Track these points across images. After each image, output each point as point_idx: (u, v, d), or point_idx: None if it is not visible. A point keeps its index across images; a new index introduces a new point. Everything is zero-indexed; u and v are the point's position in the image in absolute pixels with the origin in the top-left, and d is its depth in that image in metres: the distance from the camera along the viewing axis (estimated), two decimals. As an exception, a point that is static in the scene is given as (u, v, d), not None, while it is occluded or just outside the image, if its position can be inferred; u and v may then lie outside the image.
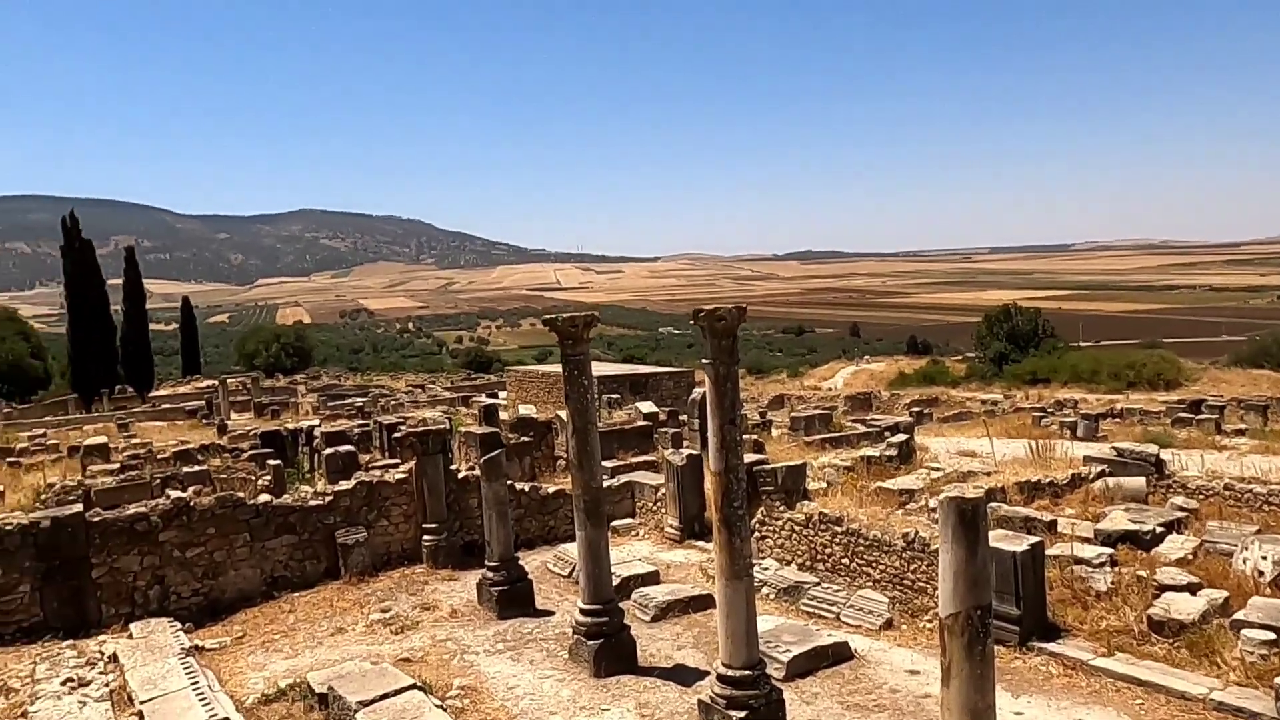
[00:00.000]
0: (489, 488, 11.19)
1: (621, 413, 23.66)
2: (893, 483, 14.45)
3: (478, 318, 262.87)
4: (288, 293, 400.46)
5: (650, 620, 10.43)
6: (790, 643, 8.98)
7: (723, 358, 7.20)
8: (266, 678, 9.24)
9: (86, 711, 8.09)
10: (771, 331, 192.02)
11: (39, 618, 10.77)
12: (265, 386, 47.25)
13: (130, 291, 54.66)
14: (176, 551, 11.55)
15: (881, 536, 10.54)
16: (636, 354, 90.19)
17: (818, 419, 23.58)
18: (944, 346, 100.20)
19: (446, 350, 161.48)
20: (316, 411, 33.15)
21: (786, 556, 11.89)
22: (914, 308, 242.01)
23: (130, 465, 19.01)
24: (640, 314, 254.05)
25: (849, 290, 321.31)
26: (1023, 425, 25.45)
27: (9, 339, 57.41)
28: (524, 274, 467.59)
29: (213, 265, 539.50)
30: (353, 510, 12.87)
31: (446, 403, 35.70)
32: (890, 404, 34.14)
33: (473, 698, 8.52)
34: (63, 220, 51.08)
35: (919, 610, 9.88)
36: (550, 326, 9.11)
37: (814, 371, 62.14)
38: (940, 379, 47.04)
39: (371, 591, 11.96)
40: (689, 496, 13.74)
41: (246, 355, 70.49)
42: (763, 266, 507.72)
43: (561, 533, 13.95)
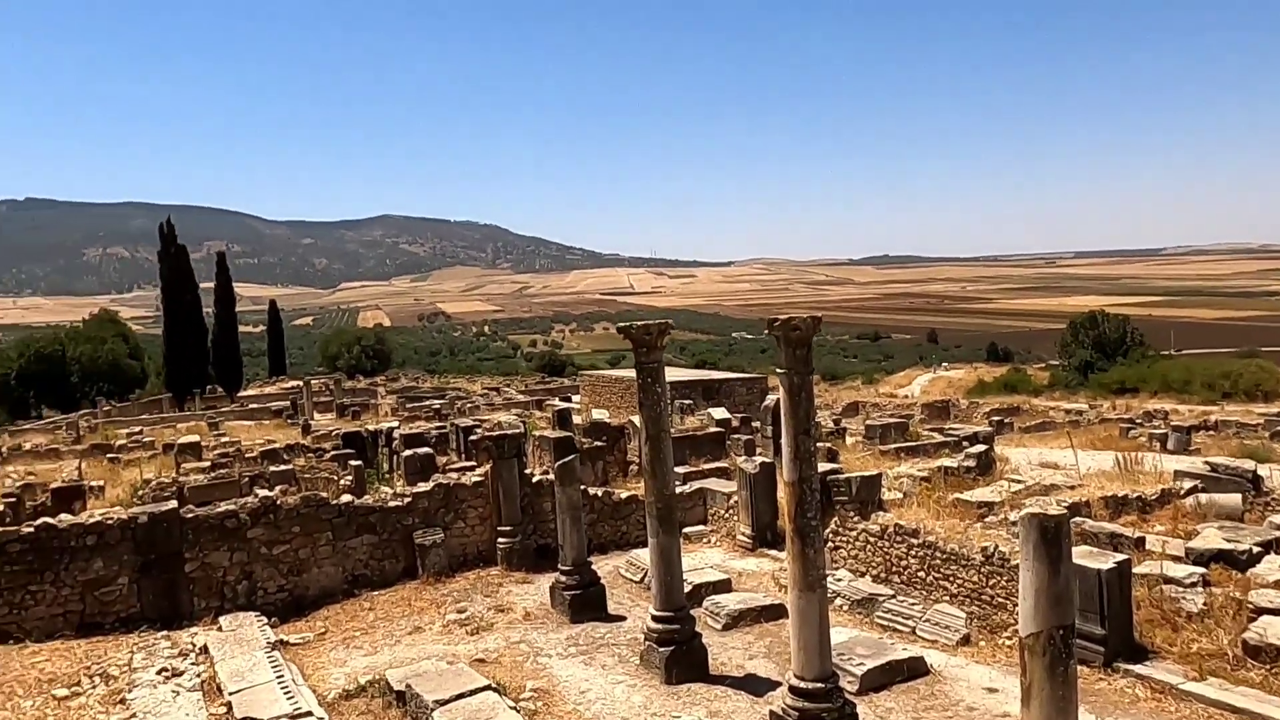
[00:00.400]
0: (563, 492, 11.32)
1: (694, 419, 23.65)
2: (971, 494, 14.13)
3: (552, 321, 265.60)
4: (369, 296, 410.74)
5: (722, 628, 10.41)
6: (864, 656, 8.86)
7: (797, 367, 7.16)
8: (347, 674, 9.50)
9: (180, 700, 8.44)
10: (846, 337, 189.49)
11: (136, 609, 11.28)
12: (347, 388, 48.58)
13: (221, 295, 56.80)
14: (264, 548, 11.97)
15: (959, 550, 10.33)
16: (709, 359, 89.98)
17: (893, 427, 23.21)
18: (1026, 354, 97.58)
19: (521, 353, 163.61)
20: (395, 413, 33.97)
21: (860, 568, 11.74)
22: (994, 314, 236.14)
23: (220, 463, 19.77)
24: (713, 319, 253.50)
25: (927, 295, 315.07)
26: (1109, 437, 24.63)
27: (109, 340, 60.22)
28: (597, 278, 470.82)
29: (298, 269, 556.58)
30: (430, 512, 13.15)
31: (521, 406, 36.19)
32: (969, 413, 33.38)
33: (545, 700, 8.62)
34: (160, 226, 53.39)
35: (998, 626, 9.65)
36: (624, 334, 9.18)
37: (890, 378, 61.17)
38: (1022, 387, 45.83)
39: (448, 592, 12.20)
40: (762, 504, 13.67)
41: (329, 357, 72.63)
42: (838, 271, 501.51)
43: (634, 538, 14.02)
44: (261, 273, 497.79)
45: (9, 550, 10.87)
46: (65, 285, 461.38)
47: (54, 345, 58.54)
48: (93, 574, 11.15)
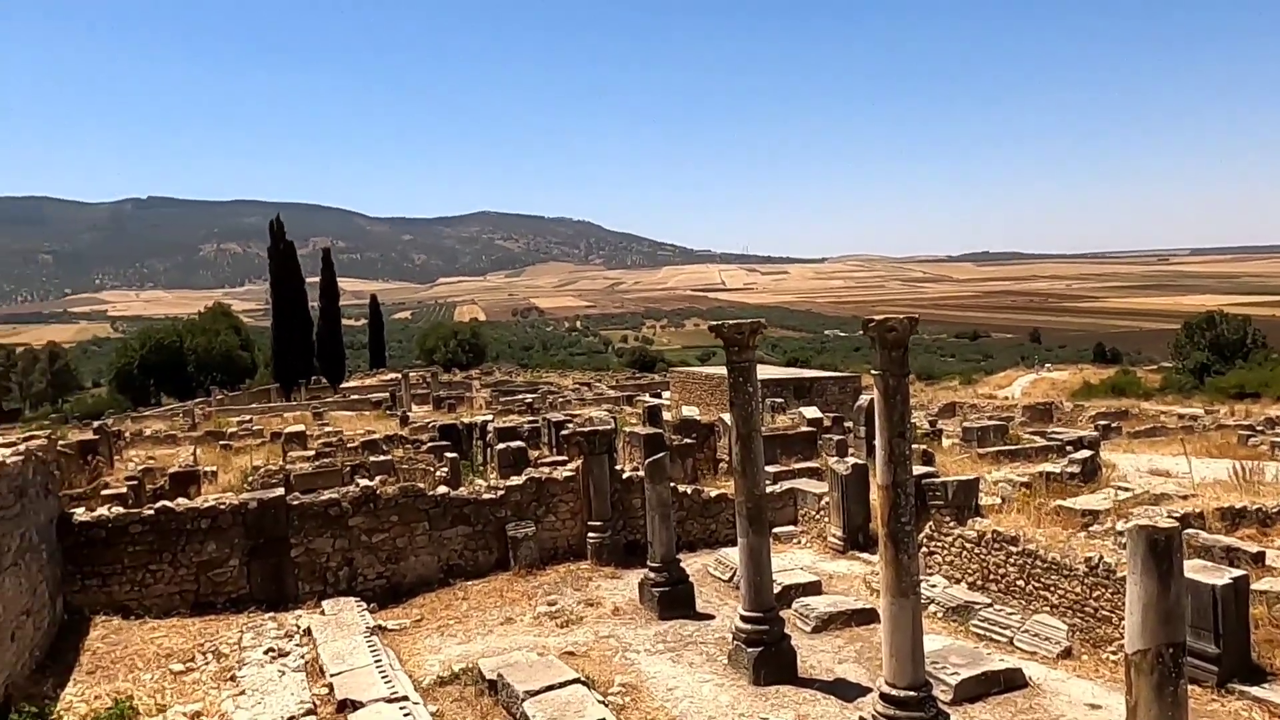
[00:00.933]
0: (653, 489, 11.37)
1: (785, 417, 23.44)
2: (1075, 502, 13.61)
3: (643, 317, 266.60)
4: (465, 291, 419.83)
5: (811, 631, 10.30)
6: (959, 665, 8.65)
7: (893, 369, 7.03)
8: (441, 660, 9.77)
9: (285, 680, 8.81)
10: (943, 336, 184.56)
11: (245, 590, 11.84)
12: (443, 381, 49.81)
13: (326, 289, 58.91)
14: (364, 536, 12.40)
15: (1061, 559, 9.97)
16: (801, 357, 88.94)
17: (992, 430, 22.52)
18: (1136, 355, 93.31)
19: (612, 349, 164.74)
20: (489, 406, 34.68)
21: (955, 574, 11.45)
22: (1102, 313, 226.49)
23: (324, 452, 20.54)
24: (805, 316, 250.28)
25: (1029, 293, 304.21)
26: (1226, 444, 23.36)
27: (223, 332, 63.22)
28: (689, 275, 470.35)
29: (398, 265, 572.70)
30: (522, 505, 13.39)
31: (611, 401, 36.48)
32: (1073, 416, 32.12)
33: (633, 696, 8.69)
34: (270, 223, 55.70)
35: (1102, 640, 9.28)
36: (716, 333, 9.17)
37: (989, 379, 59.30)
38: (1131, 390, 43.83)
39: (539, 584, 12.40)
40: (854, 506, 13.46)
41: (427, 350, 74.66)
42: (935, 268, 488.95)
43: (723, 536, 13.99)
44: (364, 268, 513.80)
45: (131, 531, 11.55)
46: (183, 279, 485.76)
47: (172, 336, 61.83)
48: (206, 556, 11.75)
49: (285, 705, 8.12)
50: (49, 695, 8.67)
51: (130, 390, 60.98)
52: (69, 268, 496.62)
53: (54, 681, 9.18)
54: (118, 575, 11.46)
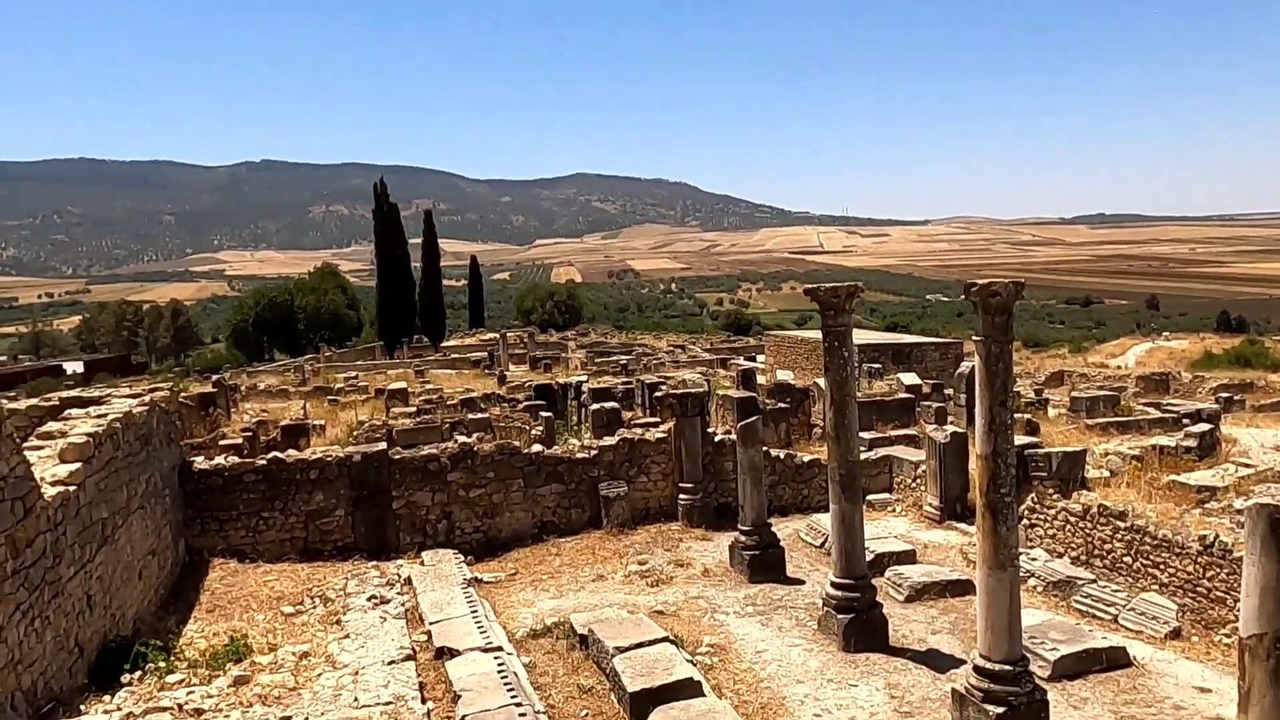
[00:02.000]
0: (744, 453, 11.34)
1: (882, 383, 22.99)
2: (1190, 477, 12.95)
3: (738, 280, 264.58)
4: (561, 253, 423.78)
5: (904, 600, 10.16)
6: (1058, 641, 8.40)
7: (995, 335, 6.79)
8: (534, 614, 10.02)
9: (386, 626, 9.19)
10: (1053, 302, 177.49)
11: (350, 539, 12.37)
12: (539, 341, 50.60)
13: (428, 251, 60.37)
14: (461, 491, 12.77)
15: (1172, 537, 9.54)
16: (900, 322, 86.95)
17: (1102, 400, 21.58)
18: (1264, 324, 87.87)
19: (706, 311, 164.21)
20: (584, 367, 35.07)
21: (1058, 548, 11.10)
22: (1228, 279, 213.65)
23: (424, 409, 21.16)
24: (906, 280, 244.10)
25: (1148, 258, 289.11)
26: (1362, 420, 21.85)
27: (330, 291, 65.51)
28: (786, 237, 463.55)
29: (497, 226, 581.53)
30: (615, 465, 13.55)
31: (705, 364, 36.41)
32: (1192, 387, 30.53)
33: (721, 656, 8.75)
34: (374, 186, 57.22)
35: (1215, 622, 8.87)
36: (812, 296, 9.01)
37: (1100, 347, 56.79)
38: (1257, 361, 41.31)
39: (630, 544, 12.56)
40: (951, 475, 13.15)
41: (524, 311, 75.83)
42: (1046, 231, 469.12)
43: (815, 502, 13.88)
44: (463, 229, 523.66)
45: (246, 479, 12.17)
46: (294, 240, 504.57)
47: (284, 296, 64.38)
48: (314, 505, 12.31)
49: (386, 650, 8.47)
50: (172, 630, 9.27)
51: (245, 346, 64.00)
52: (189, 228, 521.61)
53: (176, 618, 9.81)
54: (234, 521, 12.12)
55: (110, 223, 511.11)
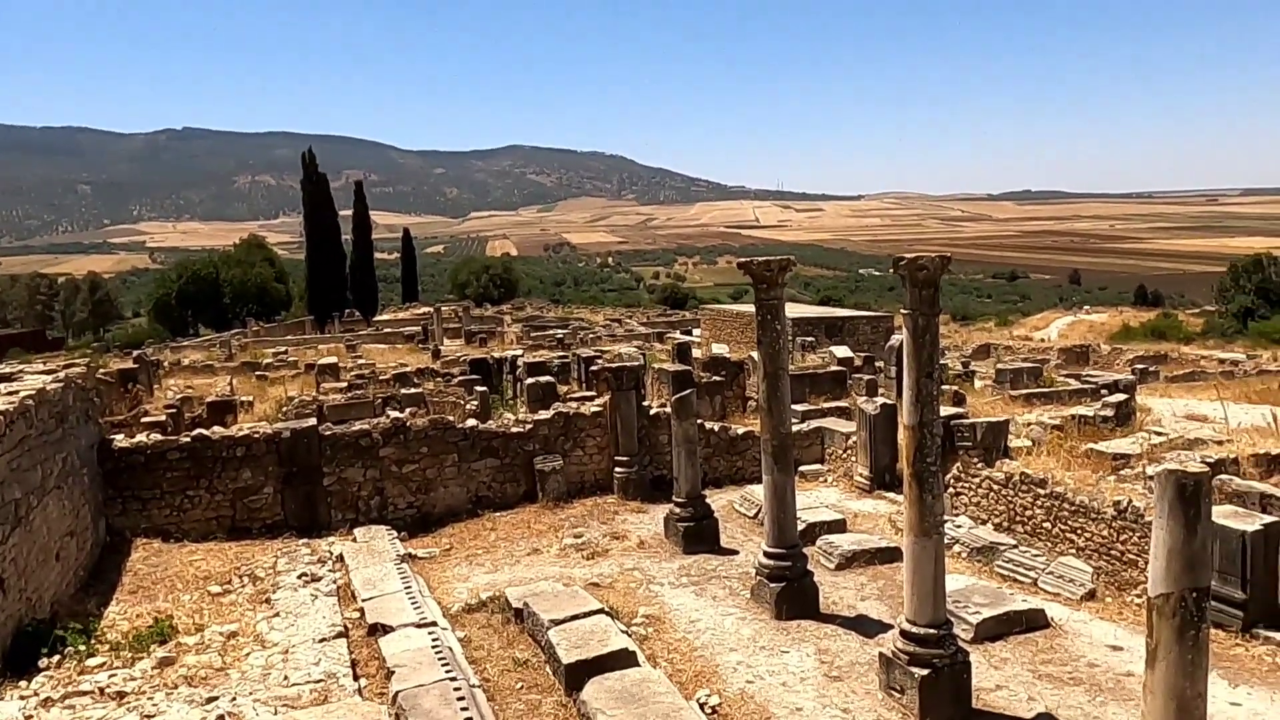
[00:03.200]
0: (679, 426, 11.42)
1: (815, 356, 23.32)
2: (1106, 445, 13.46)
3: (675, 254, 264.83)
4: (496, 226, 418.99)
5: (834, 568, 10.38)
6: (981, 605, 8.69)
7: (923, 308, 6.93)
8: (469, 589, 9.99)
9: (318, 604, 9.07)
10: (980, 276, 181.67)
11: (280, 517, 12.15)
12: (475, 315, 50.03)
13: (359, 223, 59.10)
14: (394, 467, 12.62)
15: (1089, 502, 9.92)
16: (834, 295, 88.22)
17: (1026, 372, 22.25)
18: (1178, 298, 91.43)
19: (643, 285, 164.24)
20: (520, 341, 34.84)
21: (982, 515, 11.45)
22: (1145, 254, 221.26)
23: (356, 384, 20.80)
24: (840, 254, 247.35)
25: (1071, 234, 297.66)
26: (1267, 390, 22.88)
27: (258, 264, 63.79)
28: (722, 211, 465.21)
29: (430, 198, 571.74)
30: (550, 439, 13.53)
31: (642, 338, 36.49)
32: (1110, 359, 31.67)
33: (656, 627, 8.85)
34: (302, 155, 55.69)
35: (1127, 584, 9.27)
36: (745, 270, 9.07)
37: (1025, 320, 58.48)
38: (1171, 334, 43.01)
39: (565, 517, 12.59)
40: (881, 446, 13.44)
41: (458, 285, 74.86)
42: (974, 207, 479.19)
43: (749, 473, 14.06)
44: (396, 201, 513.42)
45: (169, 457, 11.85)
46: (218, 211, 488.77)
47: (209, 268, 62.48)
48: (242, 483, 12.04)
49: (317, 627, 8.37)
50: (93, 613, 9.01)
51: (168, 321, 62.01)
52: (107, 198, 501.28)
53: (98, 600, 9.53)
54: (157, 500, 11.80)
55: (21, 192, 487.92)
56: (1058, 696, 7.35)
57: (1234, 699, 7.17)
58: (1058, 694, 7.40)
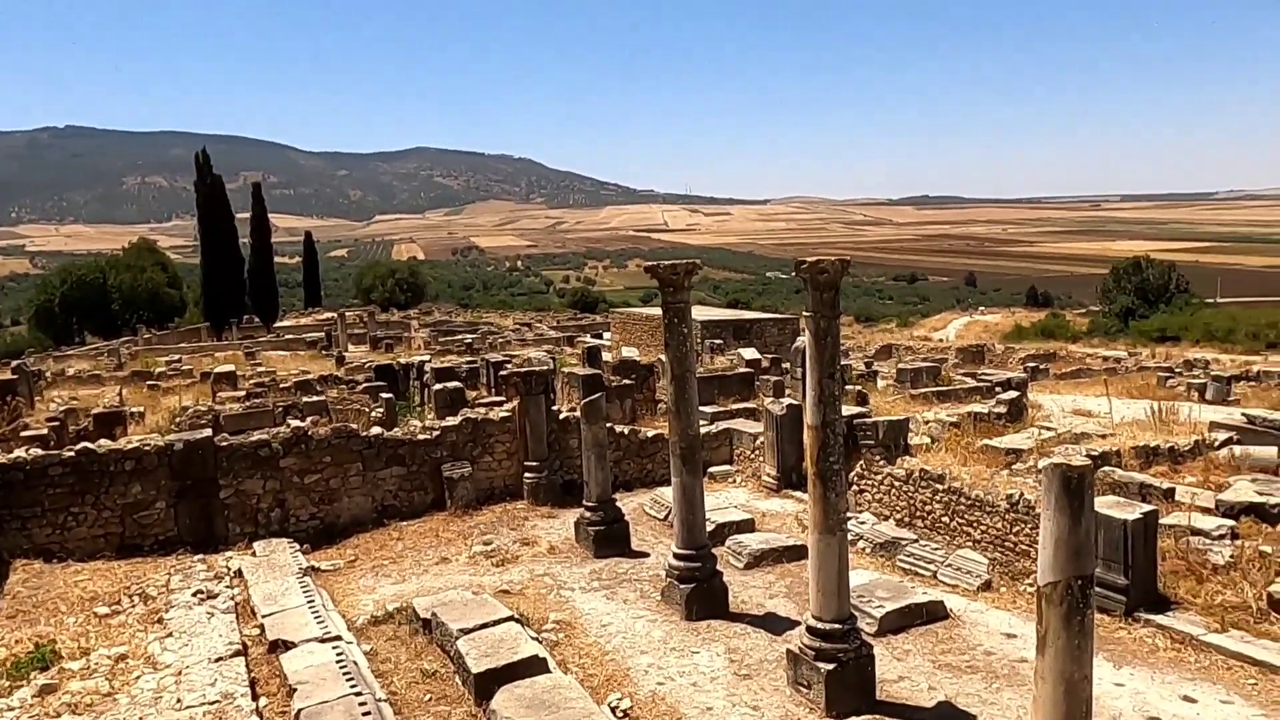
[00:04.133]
0: (589, 430, 11.40)
1: (724, 358, 23.61)
2: (1000, 441, 14.00)
3: (585, 257, 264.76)
4: (403, 229, 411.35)
5: (743, 567, 10.52)
6: (884, 599, 8.92)
7: (824, 311, 7.08)
8: (376, 600, 9.76)
9: (214, 622, 8.72)
10: (882, 279, 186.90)
11: (173, 532, 11.64)
12: (380, 320, 49.02)
13: (257, 226, 57.16)
14: (296, 477, 12.24)
15: (984, 496, 10.30)
16: (742, 298, 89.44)
17: (925, 371, 22.99)
18: (1066, 299, 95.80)
19: (553, 289, 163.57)
20: (428, 346, 34.28)
21: (884, 511, 11.76)
22: (1035, 257, 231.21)
23: (256, 393, 20.12)
24: (747, 257, 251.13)
25: (966, 238, 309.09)
26: (1146, 385, 24.22)
27: (149, 269, 61.02)
28: (631, 215, 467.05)
29: (333, 201, 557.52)
30: (458, 445, 13.34)
31: (552, 342, 36.34)
32: (1004, 358, 33.01)
33: (567, 632, 8.81)
34: (196, 156, 53.57)
35: (1020, 573, 9.65)
36: (652, 273, 9.12)
37: (925, 321, 60.46)
38: (1060, 333, 45.08)
39: (474, 524, 12.42)
40: (788, 446, 13.67)
41: (364, 289, 73.13)
42: (876, 211, 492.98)
43: (659, 476, 14.13)
44: (297, 204, 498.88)
45: (51, 473, 11.23)
46: (105, 213, 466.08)
47: (95, 273, 59.48)
48: (132, 498, 11.50)
49: (213, 646, 8.05)
50: (-34, 641, 8.46)
51: (51, 329, 58.74)
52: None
53: (-29, 627, 8.95)
54: (38, 518, 11.16)
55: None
56: (956, 684, 7.61)
57: (1118, 680, 7.54)
58: (956, 682, 7.65)
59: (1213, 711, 7.04)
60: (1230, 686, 7.38)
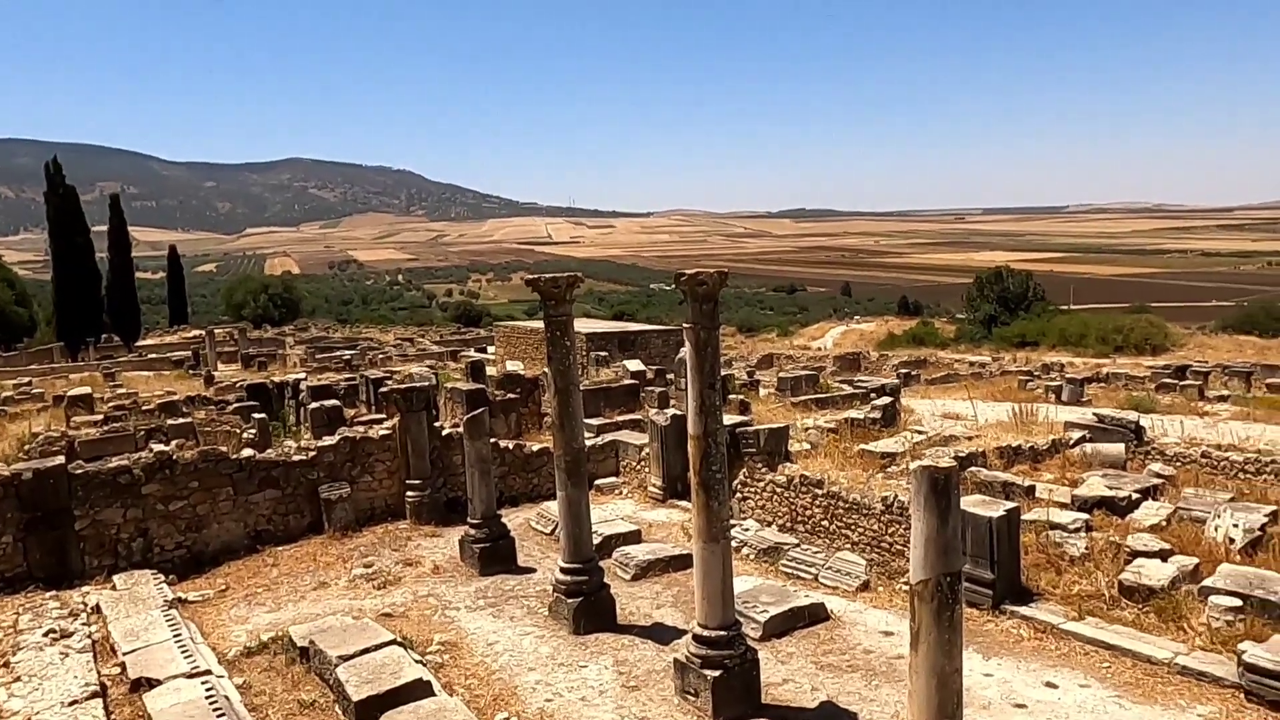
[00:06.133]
0: (472, 446, 11.22)
1: (609, 370, 23.67)
2: (875, 445, 14.54)
3: (468, 271, 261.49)
4: (276, 242, 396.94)
5: (631, 579, 10.54)
6: (768, 603, 9.09)
7: (704, 322, 7.18)
8: (249, 630, 9.33)
9: (69, 662, 8.15)
10: (763, 290, 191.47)
11: (22, 568, 10.80)
12: (253, 338, 47.07)
13: (115, 239, 54.08)
14: (160, 504, 11.58)
15: (861, 500, 10.64)
16: (627, 310, 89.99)
17: (805, 379, 23.65)
18: (935, 307, 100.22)
19: (436, 303, 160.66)
20: (304, 364, 33.11)
21: (767, 518, 12.00)
22: (906, 268, 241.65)
23: (115, 416, 18.95)
24: (632, 270, 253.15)
25: (842, 249, 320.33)
26: (1008, 388, 25.59)
27: (-7, 286, 56.83)
28: (515, 228, 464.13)
29: (200, 213, 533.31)
30: (336, 465, 12.91)
31: (435, 357, 35.67)
32: (878, 365, 34.25)
33: (453, 653, 8.62)
34: (46, 165, 50.31)
35: (896, 573, 10.00)
36: (533, 287, 9.06)
37: (804, 331, 62.19)
38: (929, 340, 47.16)
39: (354, 547, 12.04)
40: (673, 456, 13.79)
41: (234, 305, 70.03)
42: (756, 224, 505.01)
43: (545, 490, 14.02)
44: (160, 216, 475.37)
45: (-122, 510, 10.27)
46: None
47: (-68, 290, 55.04)
48: (-27, 533, 10.62)
49: (67, 689, 7.52)
50: None
51: (-119, 351, 54.00)
52: None
53: None
54: None
55: None
56: (838, 684, 7.81)
57: (987, 670, 7.91)
58: (838, 681, 7.86)
59: (1072, 695, 7.45)
60: (1087, 671, 7.84)
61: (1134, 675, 7.68)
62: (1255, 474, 12.69)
